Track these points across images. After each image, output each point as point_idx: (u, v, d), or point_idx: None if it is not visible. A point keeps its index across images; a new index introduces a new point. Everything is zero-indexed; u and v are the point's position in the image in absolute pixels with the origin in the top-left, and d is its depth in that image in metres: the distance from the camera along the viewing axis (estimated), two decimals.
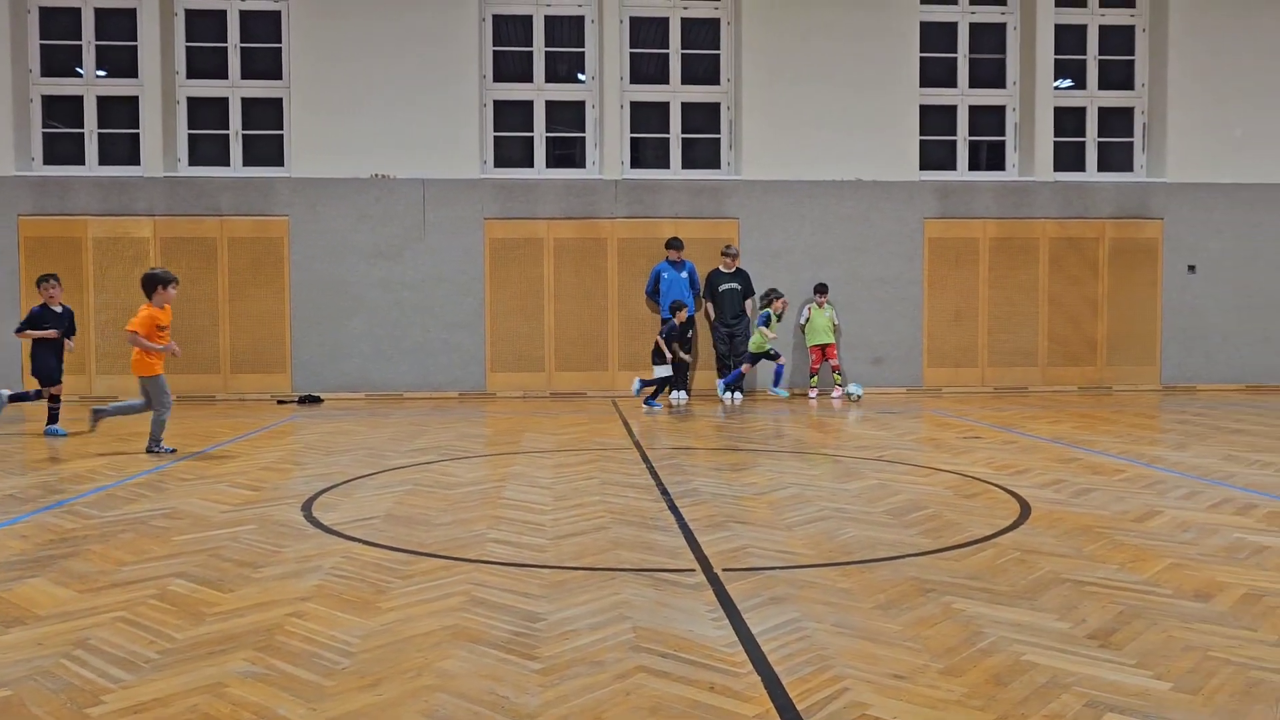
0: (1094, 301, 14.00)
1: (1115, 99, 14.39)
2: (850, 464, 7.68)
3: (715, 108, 13.98)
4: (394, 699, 3.07)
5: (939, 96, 14.15)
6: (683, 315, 12.15)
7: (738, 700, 3.04)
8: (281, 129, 13.50)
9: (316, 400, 12.94)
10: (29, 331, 9.66)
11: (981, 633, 3.65)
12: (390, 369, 13.33)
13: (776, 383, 13.04)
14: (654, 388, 11.95)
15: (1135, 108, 14.38)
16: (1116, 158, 14.51)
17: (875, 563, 4.67)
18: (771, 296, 12.54)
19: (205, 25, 13.52)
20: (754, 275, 13.22)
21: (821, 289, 13.24)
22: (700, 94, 13.95)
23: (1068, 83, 14.42)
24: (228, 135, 13.51)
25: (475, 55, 13.36)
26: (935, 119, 14.21)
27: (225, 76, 13.48)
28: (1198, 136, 14.02)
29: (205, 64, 13.54)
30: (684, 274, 13.02)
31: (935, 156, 14.23)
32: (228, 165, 13.48)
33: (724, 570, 4.53)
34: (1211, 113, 14.01)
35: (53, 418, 9.64)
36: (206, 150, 13.60)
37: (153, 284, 8.37)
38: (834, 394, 13.08)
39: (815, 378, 13.24)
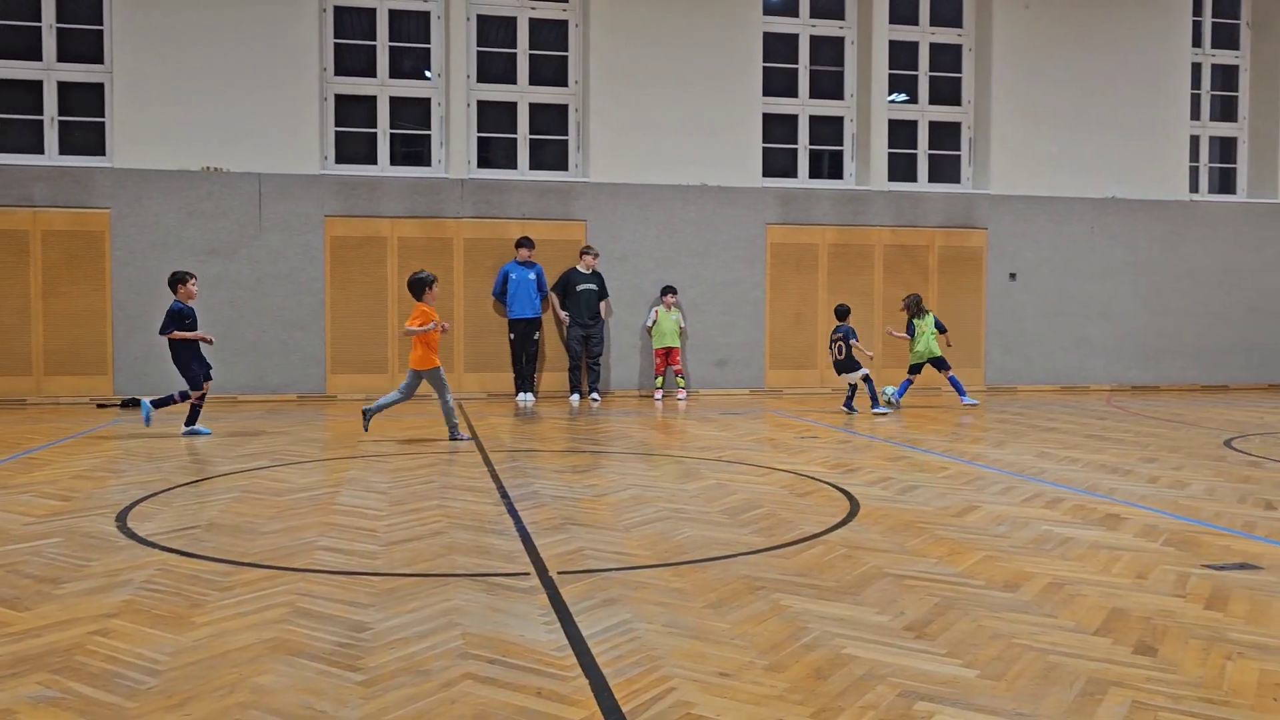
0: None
1: (944, 114, 15.11)
2: (691, 465, 7.79)
3: (563, 109, 13.96)
4: (202, 718, 2.92)
5: (781, 105, 14.54)
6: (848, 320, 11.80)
7: (564, 704, 3.03)
8: (103, 116, 12.72)
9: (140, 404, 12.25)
10: (177, 333, 9.19)
11: (806, 628, 3.74)
12: (224, 371, 12.69)
13: (963, 393, 12.45)
14: (869, 396, 11.60)
15: (962, 123, 15.14)
16: (945, 170, 15.24)
17: (709, 562, 4.74)
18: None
19: (16, 3, 12.61)
20: (601, 276, 13.26)
21: (669, 291, 13.39)
22: (548, 95, 13.91)
23: (902, 97, 15.06)
24: (42, 121, 12.65)
25: (315, 46, 12.94)
26: (777, 127, 14.60)
27: (39, 59, 12.61)
28: (1018, 151, 14.88)
29: (16, 45, 12.63)
30: (532, 275, 12.94)
31: (778, 164, 14.61)
32: (41, 153, 12.62)
33: (559, 573, 4.51)
34: (1030, 130, 14.88)
35: (194, 416, 9.36)
36: (17, 137, 12.69)
37: (420, 286, 9.02)
38: (679, 395, 13.27)
39: (660, 379, 13.39)
